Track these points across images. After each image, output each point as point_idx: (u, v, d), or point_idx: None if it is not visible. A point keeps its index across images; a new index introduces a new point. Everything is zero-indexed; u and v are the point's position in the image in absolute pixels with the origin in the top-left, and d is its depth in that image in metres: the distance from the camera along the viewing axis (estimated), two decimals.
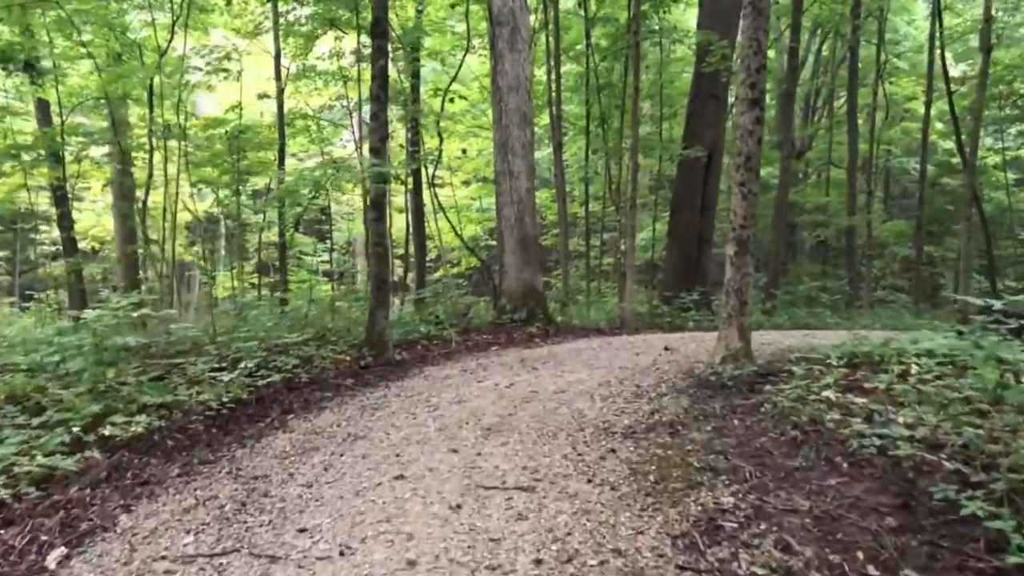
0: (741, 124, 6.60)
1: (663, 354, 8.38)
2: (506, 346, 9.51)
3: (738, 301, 6.67)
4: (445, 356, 8.84)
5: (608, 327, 11.52)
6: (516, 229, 11.05)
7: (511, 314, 10.96)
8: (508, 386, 6.79)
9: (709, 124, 14.48)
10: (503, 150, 11.02)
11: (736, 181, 6.71)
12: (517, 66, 10.81)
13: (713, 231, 15.95)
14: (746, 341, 6.72)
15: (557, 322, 11.23)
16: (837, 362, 6.33)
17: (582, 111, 18.83)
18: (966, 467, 3.58)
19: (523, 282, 11.07)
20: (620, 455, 4.54)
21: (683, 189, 14.72)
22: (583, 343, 9.59)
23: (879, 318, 13.56)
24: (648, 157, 22.35)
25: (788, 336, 10.19)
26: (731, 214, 6.77)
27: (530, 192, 11.16)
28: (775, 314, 13.14)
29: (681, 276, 14.42)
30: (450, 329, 10.21)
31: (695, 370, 6.97)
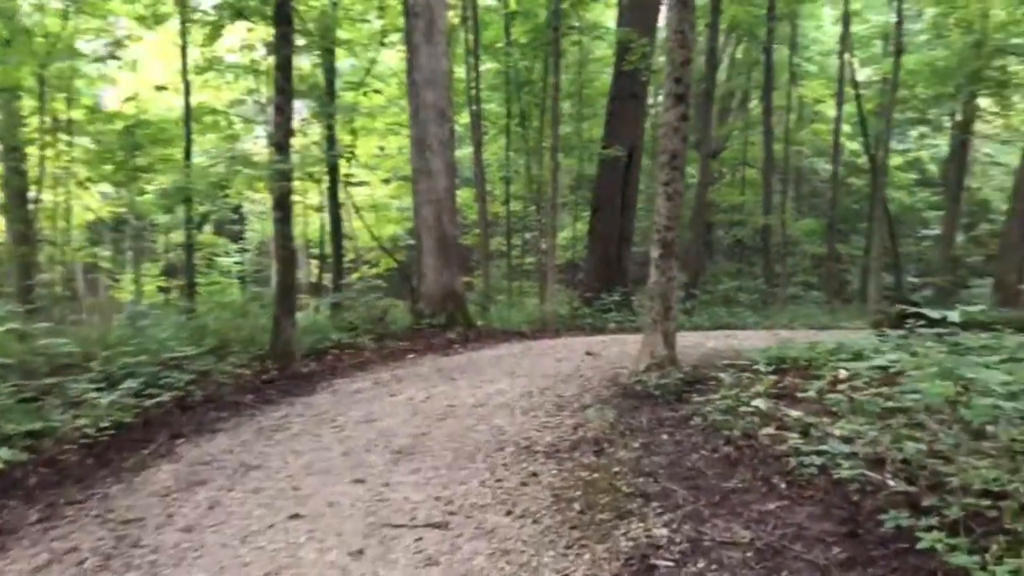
0: (666, 120, 6.28)
1: (586, 359, 8.04)
2: (424, 353, 9.00)
3: (662, 306, 6.36)
4: (358, 366, 8.27)
5: (530, 330, 11.15)
6: (435, 229, 10.55)
7: (430, 319, 10.45)
8: (423, 400, 6.30)
9: (629, 123, 14.29)
10: (420, 147, 10.49)
11: (660, 181, 6.40)
12: (434, 59, 10.30)
13: (633, 231, 15.80)
14: (671, 347, 6.42)
15: (478, 326, 10.78)
16: (765, 368, 6.09)
17: (503, 110, 18.46)
18: (911, 486, 3.30)
19: (442, 285, 10.58)
20: (543, 480, 4.12)
21: (603, 189, 14.49)
22: (504, 348, 9.17)
23: (796, 316, 13.64)
24: (569, 156, 22.14)
25: (710, 337, 10.01)
26: (655, 215, 6.45)
27: (449, 191, 10.68)
28: (695, 314, 13.04)
29: (602, 276, 14.18)
30: (364, 336, 9.62)
31: (619, 377, 6.62)
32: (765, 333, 10.87)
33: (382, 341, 9.79)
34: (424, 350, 9.23)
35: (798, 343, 7.34)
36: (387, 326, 10.48)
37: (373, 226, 23.83)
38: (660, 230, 6.36)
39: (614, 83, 14.61)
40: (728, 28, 23.11)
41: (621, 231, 14.37)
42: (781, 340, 8.93)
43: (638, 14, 13.86)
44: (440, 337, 9.92)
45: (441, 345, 9.51)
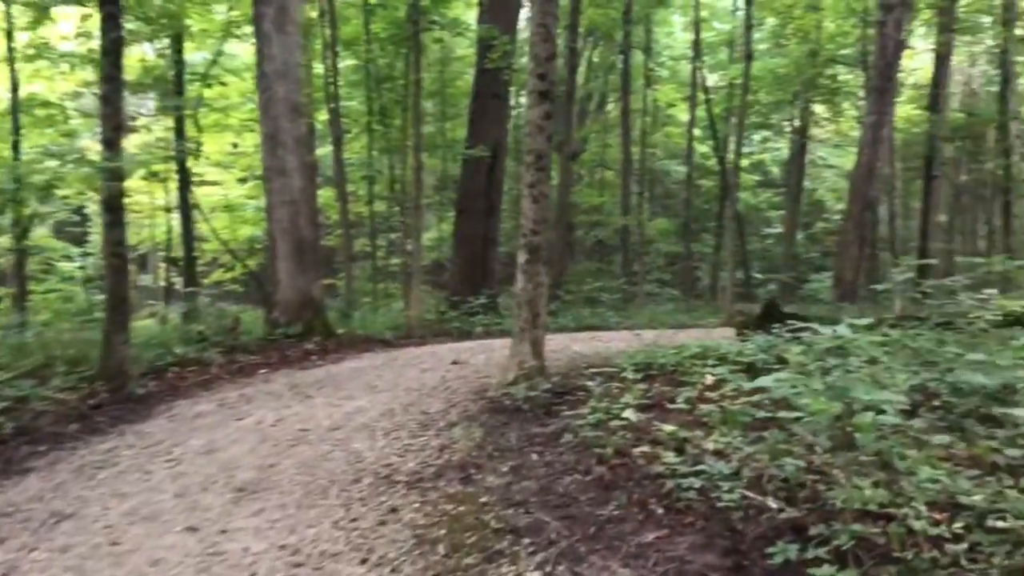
0: (530, 119, 5.97)
1: (452, 369, 7.63)
2: (278, 367, 8.30)
3: (530, 313, 6.05)
4: (203, 385, 7.48)
5: (395, 337, 10.62)
6: (290, 232, 9.81)
7: (286, 328, 9.71)
8: (273, 424, 5.68)
9: (492, 123, 14.01)
10: (272, 144, 9.73)
11: (526, 182, 6.08)
12: (286, 50, 9.56)
13: (499, 232, 15.58)
14: (540, 356, 6.12)
15: (338, 335, 10.14)
16: (633, 375, 5.90)
17: (365, 108, 17.75)
18: (792, 508, 3.11)
19: (299, 291, 9.86)
20: (403, 516, 3.68)
21: (468, 190, 14.15)
22: (366, 359, 8.61)
23: (655, 315, 13.83)
24: (432, 156, 21.67)
25: (576, 340, 9.87)
26: (521, 218, 6.13)
27: (305, 191, 9.97)
28: (560, 315, 12.94)
29: (468, 279, 13.84)
30: (213, 350, 8.78)
31: (487, 389, 6.26)
32: (628, 334, 10.87)
33: (232, 355, 8.97)
34: (278, 364, 8.52)
35: (663, 346, 7.25)
36: (238, 337, 9.64)
37: (227, 227, 22.48)
38: (526, 234, 6.05)
39: (476, 82, 14.30)
40: (586, 31, 23.40)
41: (486, 233, 14.08)
42: (645, 342, 8.90)
43: (499, 12, 13.59)
44: (297, 348, 9.23)
45: (297, 357, 8.82)
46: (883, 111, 14.85)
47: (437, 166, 22.14)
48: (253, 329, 10.51)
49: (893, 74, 14.80)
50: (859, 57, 21.78)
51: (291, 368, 8.26)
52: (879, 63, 14.87)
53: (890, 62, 14.64)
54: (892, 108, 15.25)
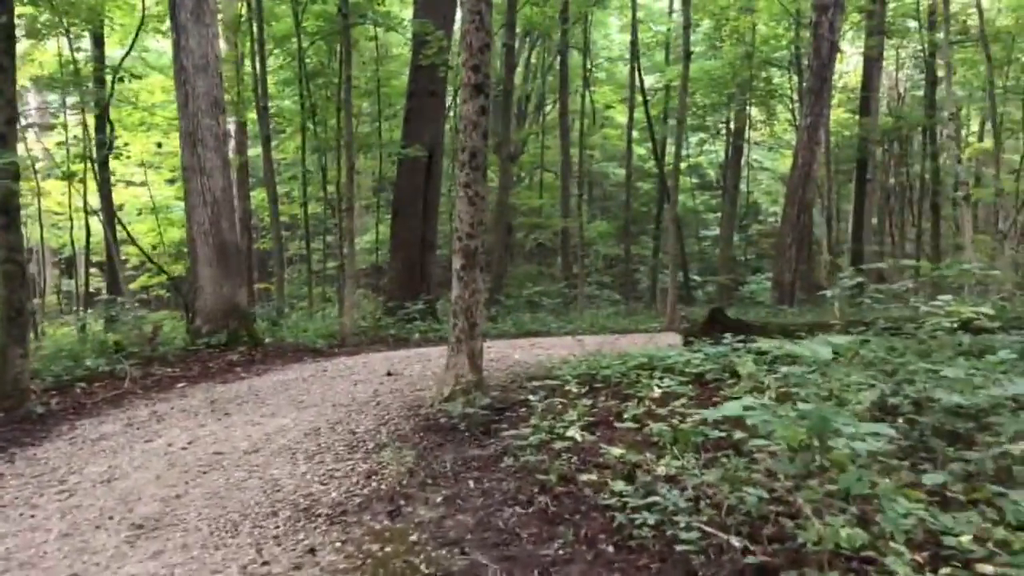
0: (464, 115, 5.57)
1: (385, 381, 7.17)
2: (197, 381, 7.69)
3: (467, 323, 5.64)
4: (113, 401, 6.84)
5: (327, 345, 10.06)
6: (212, 235, 9.19)
7: (208, 338, 9.08)
8: (185, 447, 5.14)
9: (429, 122, 13.54)
10: (191, 142, 9.09)
11: (460, 182, 5.68)
12: (205, 42, 8.93)
13: (436, 235, 15.10)
14: (478, 370, 5.72)
15: (266, 344, 9.54)
16: (577, 388, 5.56)
17: (297, 107, 17.07)
18: (758, 546, 2.77)
19: (222, 298, 9.24)
20: (322, 559, 3.23)
21: (404, 191, 13.64)
22: (294, 371, 8.06)
23: (596, 320, 13.56)
24: (368, 157, 21.05)
25: (516, 347, 9.50)
26: (455, 220, 5.72)
27: (227, 191, 9.35)
28: (500, 321, 12.55)
29: (405, 284, 13.34)
30: (128, 362, 8.11)
31: (421, 405, 5.82)
32: (570, 340, 10.54)
33: (149, 367, 8.32)
34: (198, 377, 7.91)
35: (607, 355, 6.93)
36: (157, 348, 8.97)
37: (154, 230, 21.42)
38: (462, 237, 5.64)
39: (412, 80, 13.81)
40: (523, 31, 23.10)
41: (424, 235, 13.60)
42: (588, 350, 8.60)
43: (434, 7, 13.14)
44: (220, 359, 8.61)
45: (220, 369, 8.22)
46: (819, 113, 14.92)
47: (373, 167, 21.54)
48: (175, 338, 9.84)
49: (828, 75, 14.90)
50: (792, 60, 22.10)
51: (212, 381, 7.66)
52: (814, 64, 14.95)
53: (825, 63, 14.72)
54: (828, 110, 15.33)
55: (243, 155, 19.47)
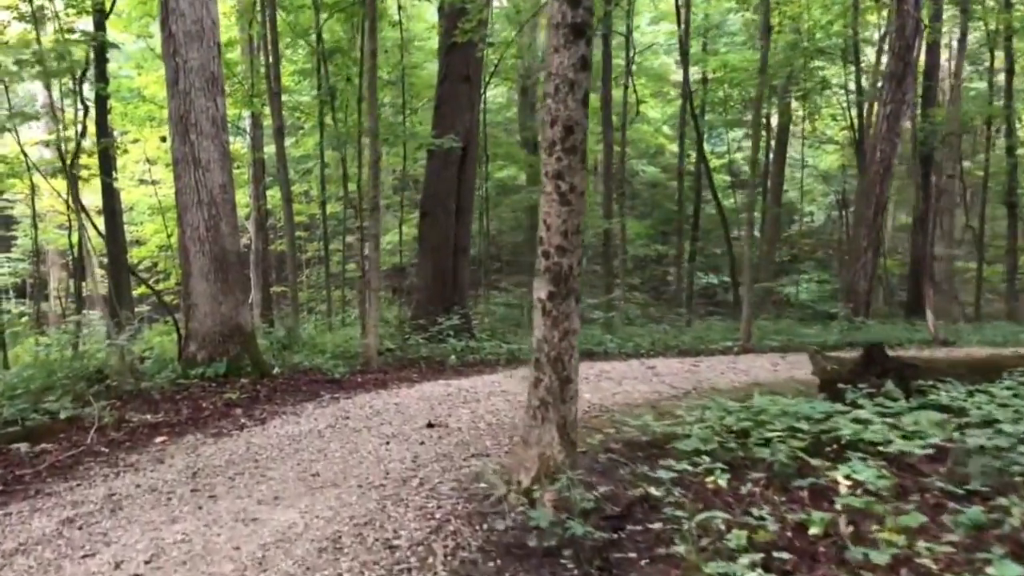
0: (556, 70, 3.69)
1: (426, 438, 5.30)
2: (183, 432, 5.84)
3: (557, 379, 3.76)
4: (63, 470, 5.00)
5: (348, 372, 8.21)
6: (209, 242, 7.36)
7: (204, 367, 7.26)
8: (142, 568, 3.29)
9: (462, 111, 11.66)
10: (183, 127, 7.26)
11: (547, 173, 3.78)
12: (199, 4, 7.10)
13: (470, 238, 13.24)
14: (571, 446, 3.84)
15: (273, 374, 7.69)
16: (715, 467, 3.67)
17: (312, 94, 15.29)
18: None
19: (221, 318, 7.41)
20: None
21: (435, 188, 11.77)
22: (307, 417, 6.18)
23: (657, 337, 11.57)
24: (391, 154, 19.22)
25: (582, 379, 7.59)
26: (540, 228, 3.82)
27: (228, 189, 7.52)
28: None
29: (436, 294, 11.47)
30: (98, 403, 6.28)
31: (487, 494, 3.94)
32: (637, 366, 8.67)
33: (127, 407, 6.50)
34: (186, 424, 6.06)
35: (719, 401, 5.06)
36: (141, 380, 7.13)
37: (161, 231, 19.67)
38: (549, 253, 3.75)
39: (443, 63, 11.93)
40: None
41: (456, 239, 11.73)
42: (674, 385, 6.69)
43: None
44: (216, 397, 6.77)
45: (214, 413, 6.36)
46: (901, 100, 12.92)
47: (396, 164, 19.67)
48: (169, 362, 7.98)
49: (913, 57, 12.88)
50: (848, 47, 20.02)
51: (201, 433, 5.80)
52: (896, 45, 12.96)
53: (909, 44, 12.73)
54: (912, 96, 13.30)
55: (258, 151, 17.66)
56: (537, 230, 3.87)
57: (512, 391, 7.03)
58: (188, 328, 7.51)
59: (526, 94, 23.17)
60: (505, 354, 9.53)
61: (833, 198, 29.08)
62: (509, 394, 6.89)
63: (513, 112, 25.09)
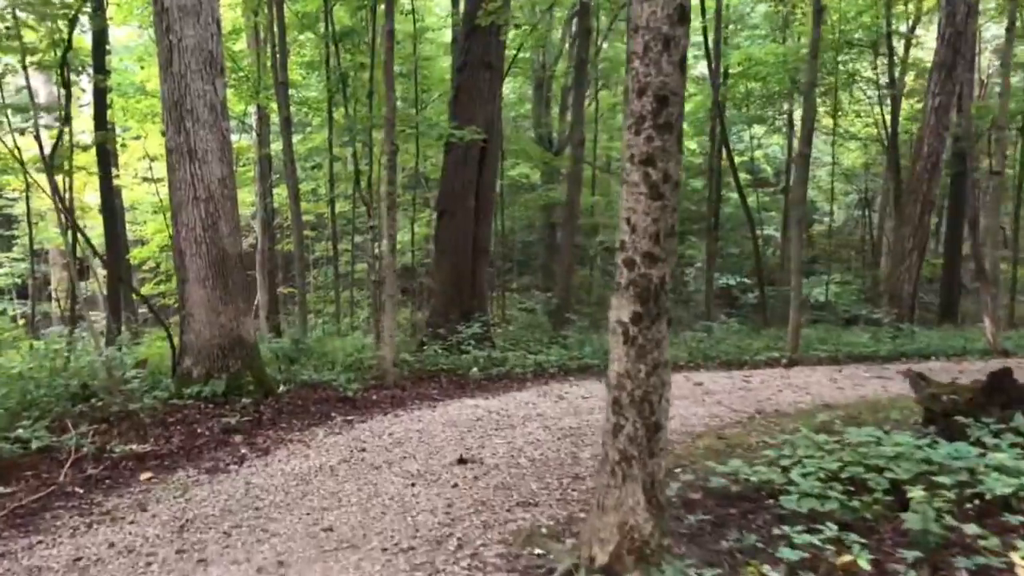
0: (645, 22, 2.80)
1: (460, 480, 4.43)
2: (173, 467, 4.98)
3: (643, 424, 2.88)
4: (25, 518, 4.15)
5: (362, 389, 7.33)
6: (206, 243, 6.50)
7: (201, 385, 6.41)
8: None
9: (483, 100, 10.76)
10: (177, 114, 6.40)
11: (632, 157, 2.89)
12: None
13: (491, 239, 12.36)
14: (659, 511, 2.95)
15: (279, 392, 6.82)
16: (846, 538, 2.78)
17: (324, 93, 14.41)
18: None
19: (220, 330, 6.55)
20: None
21: (453, 185, 10.87)
22: (316, 448, 5.30)
23: (692, 343, 10.63)
24: (402, 151, 18.32)
25: None
26: (621, 230, 2.93)
27: (227, 183, 6.65)
28: (575, 347, 9.74)
29: (455, 299, 10.58)
30: (76, 431, 5.43)
31: (550, 571, 3.06)
32: (682, 381, 7.75)
33: (112, 433, 5.64)
34: (177, 456, 5.20)
35: (800, 430, 4.18)
36: (129, 400, 6.26)
37: (162, 231, 18.83)
38: (634, 261, 2.88)
39: (462, 49, 11.02)
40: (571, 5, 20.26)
41: (475, 240, 10.84)
42: (730, 407, 5.82)
43: None
44: (212, 421, 5.90)
45: (209, 442, 5.49)
46: (950, 91, 11.99)
47: (408, 162, 18.79)
48: (162, 378, 7.12)
49: (965, 46, 11.94)
50: (881, 37, 19.02)
51: (194, 467, 4.94)
52: (946, 33, 12.02)
53: (960, 31, 11.77)
54: (970, 88, 12.30)
55: (265, 147, 16.83)
56: (618, 232, 2.98)
57: (550, 415, 6.15)
58: (183, 340, 6.64)
59: (541, 88, 22.25)
60: (532, 367, 8.64)
61: (854, 197, 28.13)
62: (547, 419, 6.01)
63: (526, 108, 24.21)
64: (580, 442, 5.26)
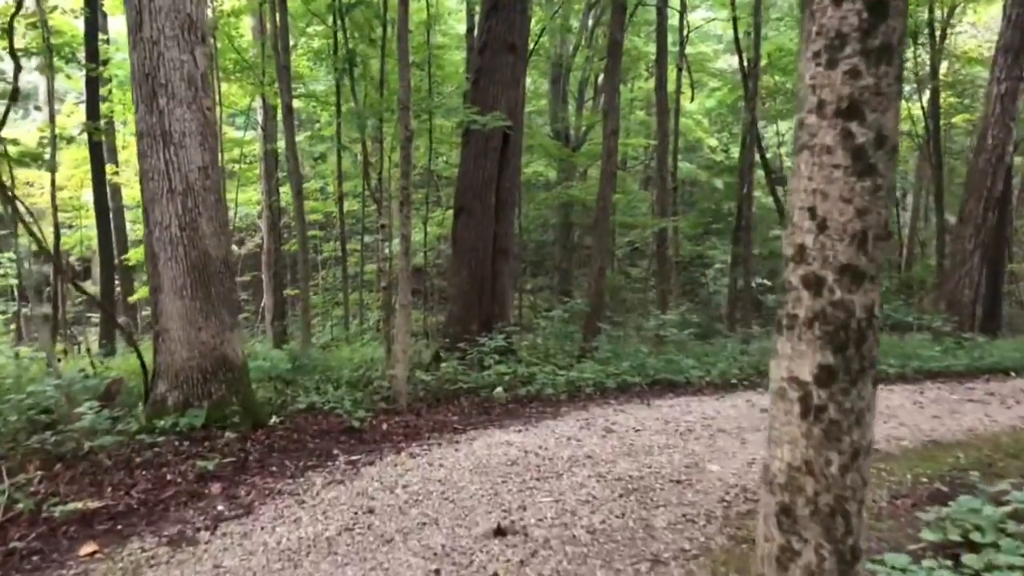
0: None
1: (499, 564, 3.24)
2: (128, 534, 3.81)
3: (832, 547, 1.70)
4: None
5: (370, 416, 6.16)
6: (184, 245, 5.35)
7: (177, 416, 5.25)
8: None
9: (506, 86, 9.58)
10: (148, 89, 5.25)
11: (818, 105, 1.67)
12: None
13: (513, 239, 11.20)
14: None
15: (271, 424, 5.65)
16: None
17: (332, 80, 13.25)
18: None
19: (201, 348, 5.39)
20: None
21: (472, 180, 9.69)
22: (311, 512, 4.10)
23: (734, 356, 9.38)
24: (415, 146, 17.16)
25: (683, 430, 5.53)
26: (796, 223, 1.71)
27: (210, 172, 5.48)
28: (611, 360, 8.51)
29: (474, 306, 9.39)
30: (9, 480, 4.28)
31: None
32: (747, 409, 6.54)
33: (59, 479, 4.50)
34: (136, 514, 4.04)
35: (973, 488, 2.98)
36: (86, 438, 5.09)
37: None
38: (821, 281, 1.65)
39: (482, 28, 9.84)
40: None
41: (496, 240, 9.65)
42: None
43: None
44: (187, 464, 4.74)
45: (180, 492, 4.33)
46: (1018, 77, 10.72)
47: (421, 159, 17.60)
48: (135, 401, 5.96)
49: None
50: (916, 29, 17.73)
51: (154, 531, 3.78)
52: (1012, 13, 10.75)
53: None
54: None
55: (270, 142, 15.68)
56: (785, 230, 1.79)
57: (600, 456, 4.96)
58: (157, 361, 5.49)
59: (558, 83, 21.05)
60: (564, 386, 7.45)
61: None
62: (597, 462, 4.82)
63: (542, 104, 23.00)
64: (647, 500, 4.07)
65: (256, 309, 19.47)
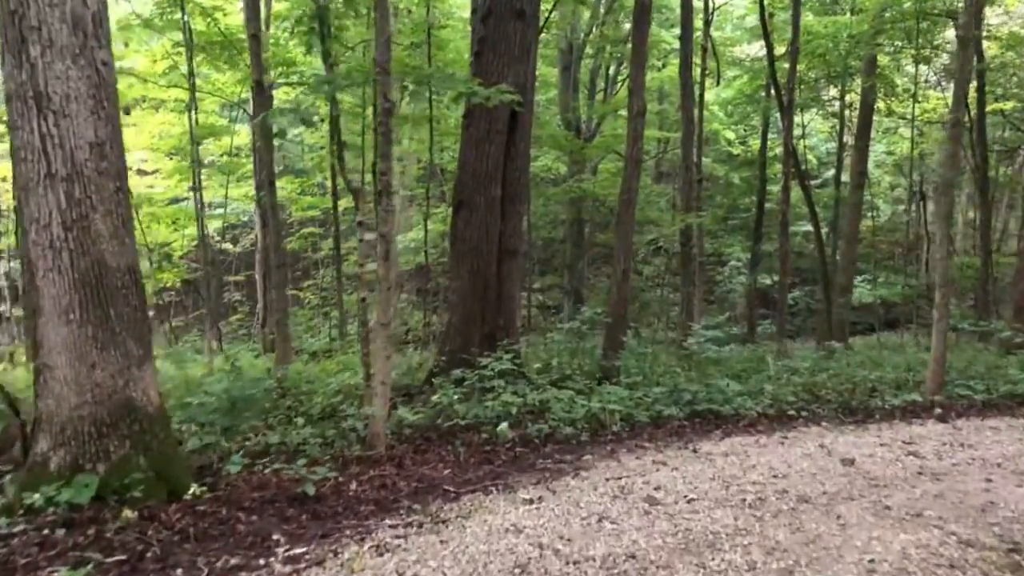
0: None
1: None
2: None
3: None
4: None
5: (334, 471, 4.62)
6: (69, 251, 3.82)
7: (59, 485, 3.73)
8: None
9: (513, 59, 8.02)
10: (15, 34, 3.72)
11: None
12: None
13: (522, 238, 9.63)
14: None
15: (193, 494, 4.10)
16: None
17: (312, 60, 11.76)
18: None
19: (95, 392, 3.87)
20: None
21: (474, 168, 8.13)
22: None
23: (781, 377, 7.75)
24: (415, 139, 15.63)
25: (748, 492, 3.98)
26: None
27: (107, 152, 3.95)
28: (639, 386, 6.92)
29: (476, 318, 7.83)
30: None
31: None
32: (817, 452, 4.97)
33: None
34: None
35: None
36: None
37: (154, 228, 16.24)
38: None
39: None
40: None
41: (502, 239, 8.09)
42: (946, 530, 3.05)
43: None
44: (56, 569, 3.20)
45: None
46: None
47: (422, 152, 16.03)
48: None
49: None
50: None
51: None
52: None
53: None
54: None
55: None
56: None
57: (650, 558, 3.39)
58: (38, 408, 3.96)
59: (568, 71, 19.48)
60: (585, 421, 5.90)
61: (901, 191, 25.32)
62: (645, 567, 3.25)
63: (551, 93, 21.41)
64: None
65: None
